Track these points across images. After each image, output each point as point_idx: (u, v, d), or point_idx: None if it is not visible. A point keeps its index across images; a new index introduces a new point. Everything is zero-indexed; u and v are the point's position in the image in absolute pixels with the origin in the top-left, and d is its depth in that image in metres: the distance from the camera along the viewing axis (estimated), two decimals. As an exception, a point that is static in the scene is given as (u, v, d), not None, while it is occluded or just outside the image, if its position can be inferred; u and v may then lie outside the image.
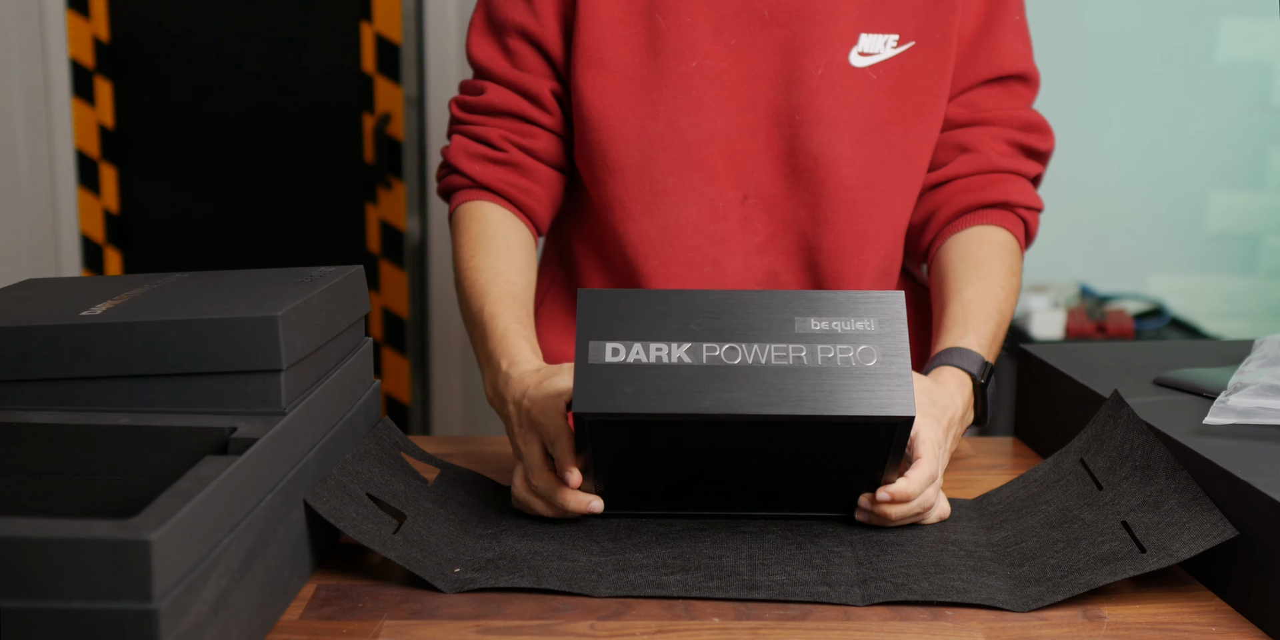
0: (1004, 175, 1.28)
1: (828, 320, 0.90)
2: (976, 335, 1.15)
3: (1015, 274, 1.24)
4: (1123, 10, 2.94)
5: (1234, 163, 3.03)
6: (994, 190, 1.27)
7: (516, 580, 0.86)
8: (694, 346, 0.88)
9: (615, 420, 0.87)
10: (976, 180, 1.27)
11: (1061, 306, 2.81)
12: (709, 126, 1.24)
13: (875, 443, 0.90)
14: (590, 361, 0.87)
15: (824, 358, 0.88)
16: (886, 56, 1.24)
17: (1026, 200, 1.28)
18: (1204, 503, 0.88)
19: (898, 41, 1.24)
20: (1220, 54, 2.97)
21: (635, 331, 0.89)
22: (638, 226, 1.26)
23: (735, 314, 0.90)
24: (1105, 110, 2.99)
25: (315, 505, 0.85)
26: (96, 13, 2.75)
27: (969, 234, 1.26)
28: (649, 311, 0.89)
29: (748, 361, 0.88)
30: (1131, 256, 3.05)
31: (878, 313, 0.90)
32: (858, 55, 1.24)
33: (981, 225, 1.26)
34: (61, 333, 0.85)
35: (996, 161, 1.27)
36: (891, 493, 0.94)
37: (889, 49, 1.24)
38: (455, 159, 1.29)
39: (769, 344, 0.88)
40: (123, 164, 2.83)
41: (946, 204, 1.28)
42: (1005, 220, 1.27)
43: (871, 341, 0.89)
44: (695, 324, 0.89)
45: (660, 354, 0.88)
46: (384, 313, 2.88)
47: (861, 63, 1.24)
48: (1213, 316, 3.05)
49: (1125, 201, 3.03)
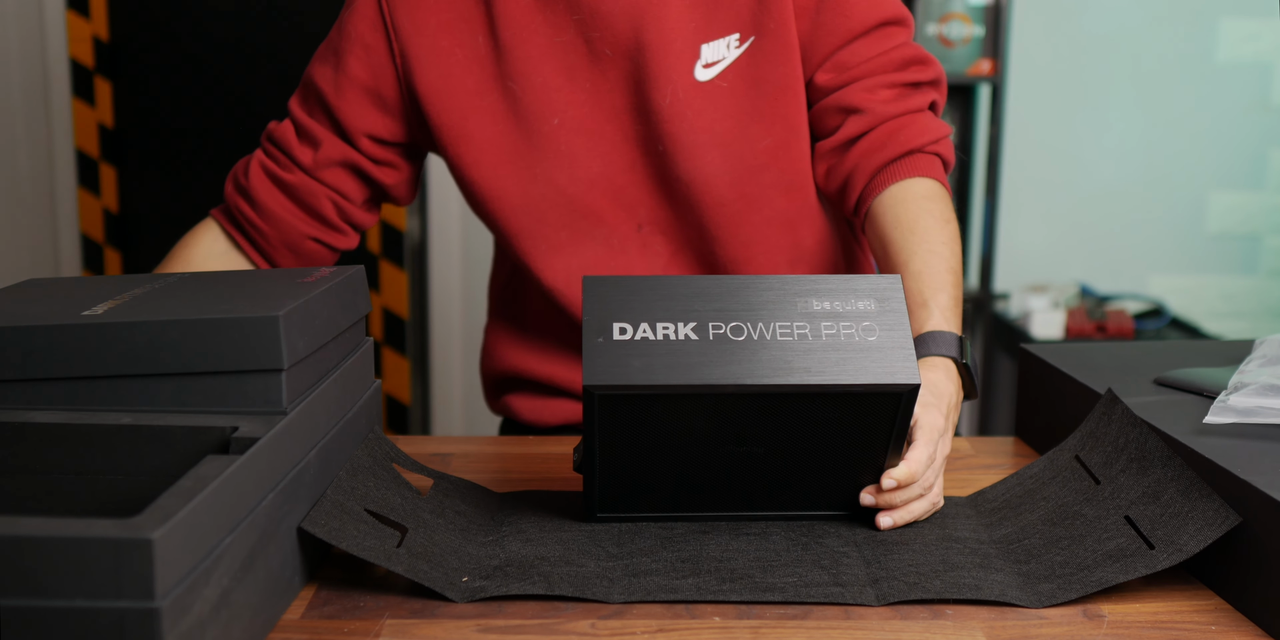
0: (898, 120, 1.27)
1: (829, 301, 0.92)
2: (940, 310, 1.14)
3: (950, 222, 1.23)
4: (1123, 10, 2.95)
5: (1234, 163, 3.04)
6: (896, 141, 1.25)
7: (528, 587, 0.86)
8: (700, 325, 0.90)
9: (624, 394, 0.88)
10: (875, 136, 1.26)
11: (1061, 306, 2.81)
12: (586, 174, 1.26)
13: (880, 415, 0.91)
14: (598, 339, 0.89)
15: (828, 334, 0.90)
16: (732, 59, 1.24)
17: (930, 135, 1.26)
18: (1202, 489, 0.88)
19: (739, 40, 1.24)
20: (1220, 54, 2.98)
21: (640, 312, 0.90)
22: (548, 273, 1.29)
23: (737, 296, 0.92)
24: (1105, 110, 2.99)
25: (313, 530, 0.85)
26: (96, 13, 2.75)
27: (891, 194, 1.25)
28: (652, 295, 0.91)
29: (753, 338, 0.90)
30: (1131, 256, 3.05)
31: (876, 294, 0.92)
32: (702, 69, 1.24)
33: (899, 181, 1.25)
34: (63, 332, 0.85)
35: (884, 111, 1.26)
36: (896, 477, 0.95)
37: (733, 51, 1.24)
38: (250, 179, 1.32)
39: (773, 322, 0.90)
40: (123, 164, 2.84)
41: (858, 168, 1.27)
42: (920, 166, 1.26)
43: (872, 319, 0.91)
44: (699, 305, 0.91)
45: (667, 332, 0.89)
46: (384, 313, 2.88)
47: (708, 75, 1.24)
48: (1213, 316, 3.06)
49: (1125, 201, 3.03)
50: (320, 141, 1.29)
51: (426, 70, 1.25)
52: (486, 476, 1.11)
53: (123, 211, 2.85)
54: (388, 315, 2.88)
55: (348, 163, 1.30)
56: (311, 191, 1.30)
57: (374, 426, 1.04)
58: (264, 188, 1.30)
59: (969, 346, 1.14)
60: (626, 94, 1.25)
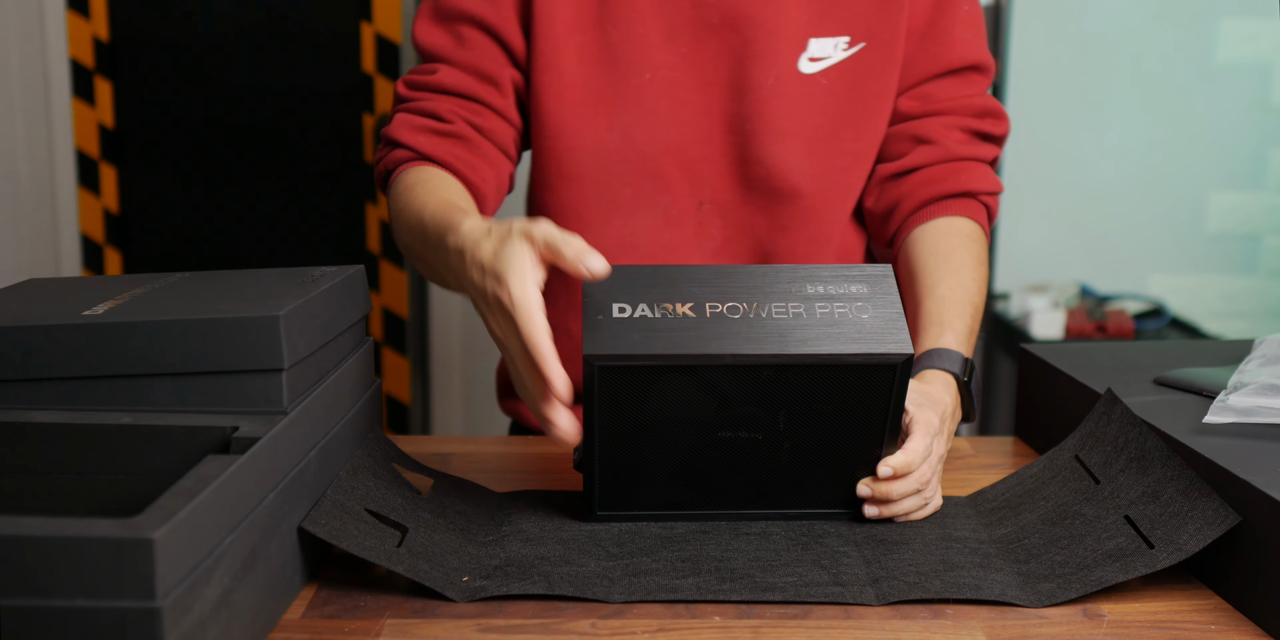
0: (963, 163, 1.29)
1: (822, 286, 0.94)
2: (954, 333, 1.15)
3: (983, 263, 1.25)
4: (1123, 10, 2.95)
5: (1234, 163, 3.03)
6: (955, 180, 1.27)
7: (529, 587, 0.86)
8: (697, 305, 0.92)
9: (623, 365, 0.89)
10: (937, 170, 1.28)
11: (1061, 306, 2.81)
12: (664, 137, 1.25)
13: (876, 390, 0.92)
14: (598, 317, 0.90)
15: (822, 312, 0.93)
16: (837, 59, 1.25)
17: (987, 186, 1.29)
18: (1201, 488, 0.88)
19: (848, 43, 1.25)
20: (1220, 54, 2.98)
21: (640, 294, 0.92)
22: (593, 235, 1.26)
23: (734, 280, 0.94)
24: (1105, 110, 2.99)
25: (314, 529, 0.85)
26: (96, 13, 2.75)
27: (935, 226, 1.26)
28: (650, 280, 0.93)
29: (749, 316, 0.92)
30: (1131, 256, 3.05)
31: (868, 280, 0.95)
32: (807, 61, 1.24)
33: (947, 216, 1.27)
34: (63, 332, 0.85)
35: (954, 150, 1.28)
36: (892, 465, 0.95)
37: (839, 52, 1.25)
38: (398, 133, 1.24)
39: (770, 303, 0.93)
40: (123, 164, 2.84)
41: (910, 195, 1.28)
42: (969, 209, 1.28)
43: (865, 300, 0.94)
44: (696, 289, 0.93)
45: (665, 311, 0.91)
46: (384, 313, 2.88)
47: (812, 69, 1.25)
48: (1213, 316, 3.06)
49: (1125, 201, 3.03)
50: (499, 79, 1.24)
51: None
52: (486, 476, 1.11)
53: (123, 211, 2.85)
54: (388, 315, 2.88)
55: (519, 88, 1.26)
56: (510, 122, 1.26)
57: (374, 426, 1.04)
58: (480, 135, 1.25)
59: (974, 370, 1.14)
60: (723, 68, 1.24)
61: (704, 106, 1.25)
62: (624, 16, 1.23)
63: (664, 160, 1.25)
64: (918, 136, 1.29)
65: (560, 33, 1.23)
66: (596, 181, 1.25)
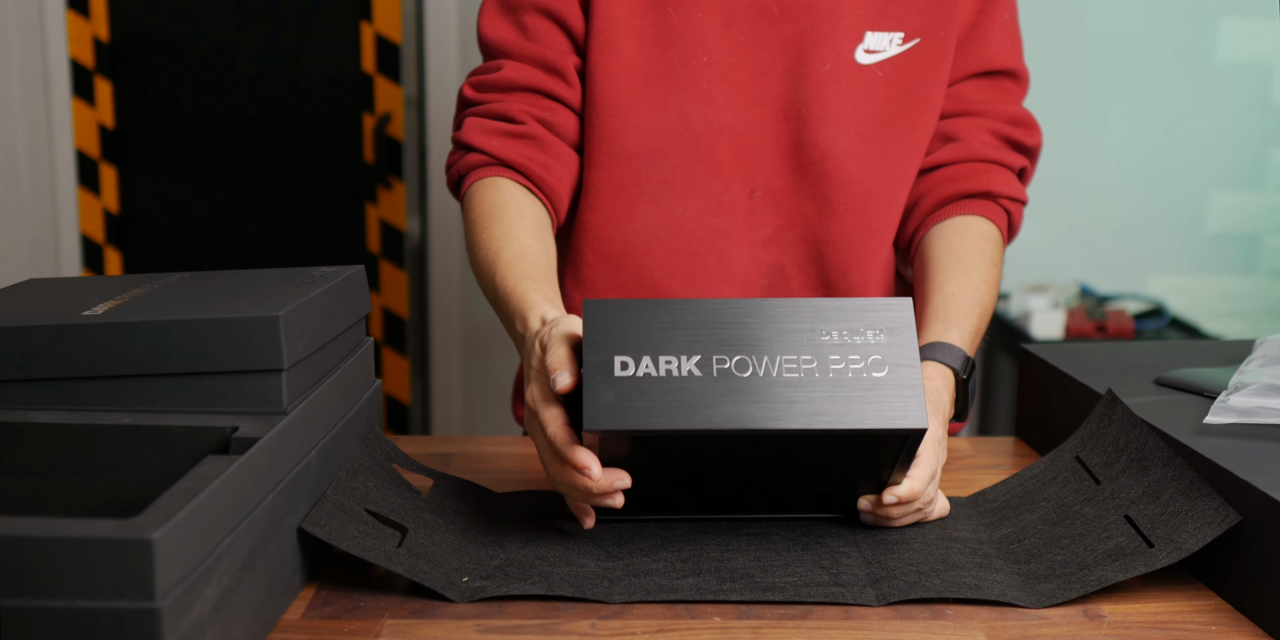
0: (988, 165, 1.28)
1: (837, 330, 0.89)
2: (959, 330, 1.15)
3: (997, 265, 1.24)
4: (1123, 10, 2.95)
5: (1234, 163, 3.03)
6: (977, 180, 1.27)
7: (529, 587, 0.86)
8: (704, 359, 0.88)
9: (626, 435, 0.87)
10: (960, 169, 1.28)
11: (1061, 306, 2.81)
12: (718, 121, 1.25)
13: (885, 452, 0.91)
14: (599, 376, 0.87)
15: (834, 369, 0.88)
16: (892, 53, 1.25)
17: (1010, 191, 1.28)
18: (1202, 488, 0.88)
19: (903, 39, 1.25)
20: (1220, 54, 2.98)
21: (643, 344, 0.88)
22: (643, 216, 1.26)
23: (744, 324, 0.89)
24: (1105, 110, 2.99)
25: (313, 530, 0.84)
26: (96, 13, 2.75)
27: (952, 224, 1.26)
28: (655, 323, 0.89)
29: (758, 374, 0.87)
30: (1131, 256, 3.05)
31: (886, 322, 0.90)
32: (863, 53, 1.25)
33: (965, 215, 1.26)
34: (63, 332, 0.85)
35: (981, 151, 1.28)
36: (899, 495, 0.94)
37: (894, 47, 1.25)
38: (470, 137, 1.24)
39: (779, 355, 0.88)
40: (123, 164, 2.84)
41: (930, 193, 1.28)
42: (988, 210, 1.27)
43: (881, 351, 0.89)
44: (704, 334, 0.89)
45: (670, 367, 0.87)
46: (384, 313, 2.88)
47: (868, 60, 1.25)
48: (1213, 316, 3.06)
49: (1125, 201, 3.03)
50: (565, 69, 1.24)
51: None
52: (486, 476, 1.11)
53: (123, 211, 2.85)
54: (388, 315, 2.88)
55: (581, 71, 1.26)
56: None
57: (374, 426, 1.04)
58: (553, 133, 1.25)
59: (975, 369, 1.14)
60: (780, 57, 1.24)
61: (759, 95, 1.25)
62: (684, 0, 1.24)
63: (718, 144, 1.25)
64: (946, 134, 1.29)
65: (619, 13, 1.24)
66: (648, 161, 1.25)
